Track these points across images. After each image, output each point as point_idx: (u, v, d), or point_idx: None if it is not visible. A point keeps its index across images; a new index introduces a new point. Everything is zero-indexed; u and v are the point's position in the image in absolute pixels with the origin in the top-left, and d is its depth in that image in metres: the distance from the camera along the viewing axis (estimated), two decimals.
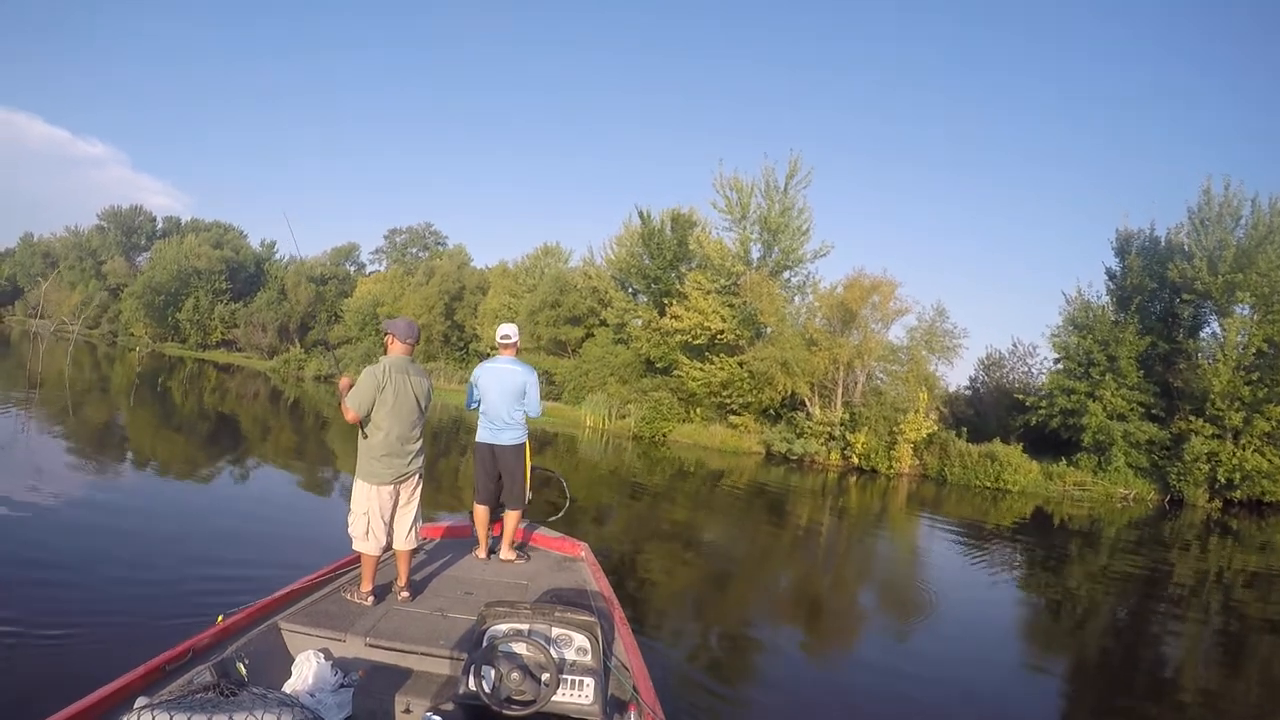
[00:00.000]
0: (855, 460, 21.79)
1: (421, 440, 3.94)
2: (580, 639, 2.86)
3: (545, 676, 2.67)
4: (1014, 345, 30.25)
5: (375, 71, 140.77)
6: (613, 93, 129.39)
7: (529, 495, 4.93)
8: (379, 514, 3.77)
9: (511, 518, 4.76)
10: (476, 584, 4.23)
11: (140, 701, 1.96)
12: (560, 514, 6.15)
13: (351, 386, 3.79)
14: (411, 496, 3.92)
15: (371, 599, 3.68)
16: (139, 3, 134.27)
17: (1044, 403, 23.24)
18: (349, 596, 3.66)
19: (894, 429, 21.36)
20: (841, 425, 22.35)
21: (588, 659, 2.83)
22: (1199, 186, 23.37)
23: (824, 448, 22.36)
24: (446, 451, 16.86)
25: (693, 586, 7.73)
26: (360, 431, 3.78)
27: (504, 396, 4.70)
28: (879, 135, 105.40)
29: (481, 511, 4.80)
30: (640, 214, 31.02)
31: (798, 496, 16.12)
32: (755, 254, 27.00)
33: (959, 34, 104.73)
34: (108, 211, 65.17)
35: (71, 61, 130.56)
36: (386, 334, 4.03)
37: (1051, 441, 23.14)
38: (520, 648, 2.74)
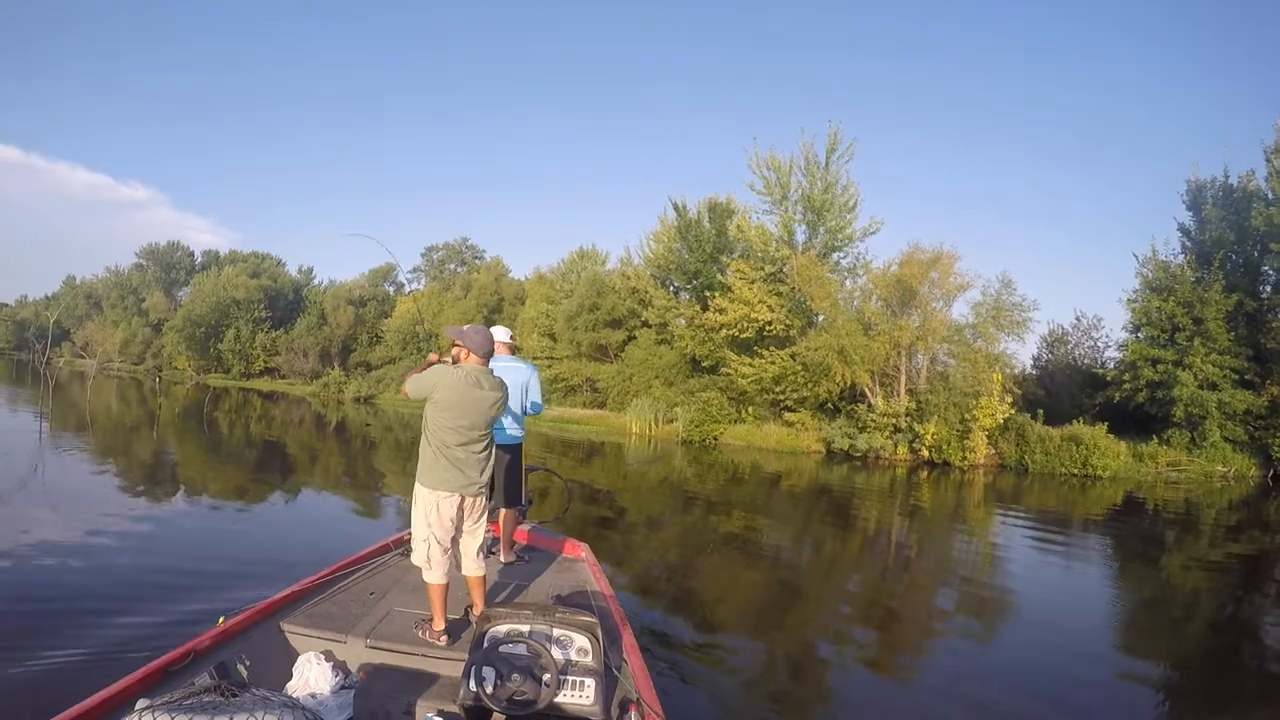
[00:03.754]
0: (925, 453, 21.26)
1: (488, 455, 3.81)
2: (581, 640, 2.96)
3: (546, 677, 2.76)
4: (1077, 319, 29.39)
5: (401, 88, 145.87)
6: (639, 82, 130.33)
7: (529, 496, 5.07)
8: (443, 532, 3.64)
9: (509, 517, 4.91)
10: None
11: (141, 703, 2.09)
12: (562, 514, 6.29)
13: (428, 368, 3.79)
14: (480, 516, 3.83)
15: (446, 639, 3.52)
16: (170, 50, 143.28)
17: (1127, 376, 22.31)
18: (422, 634, 3.57)
19: (966, 416, 20.76)
20: (907, 415, 21.85)
21: (588, 660, 2.92)
22: (1272, 124, 22.14)
23: (890, 441, 21.89)
24: None
25: (751, 599, 7.70)
26: (424, 436, 3.75)
27: (509, 394, 4.92)
28: (909, 108, 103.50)
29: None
30: (675, 206, 31.13)
31: (864, 497, 15.82)
32: (800, 236, 26.70)
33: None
34: (146, 249, 69.21)
35: (108, 109, 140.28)
36: (455, 344, 3.81)
37: (1134, 418, 22.27)
38: (521, 649, 2.85)
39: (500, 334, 5.13)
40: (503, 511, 4.93)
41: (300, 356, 51.30)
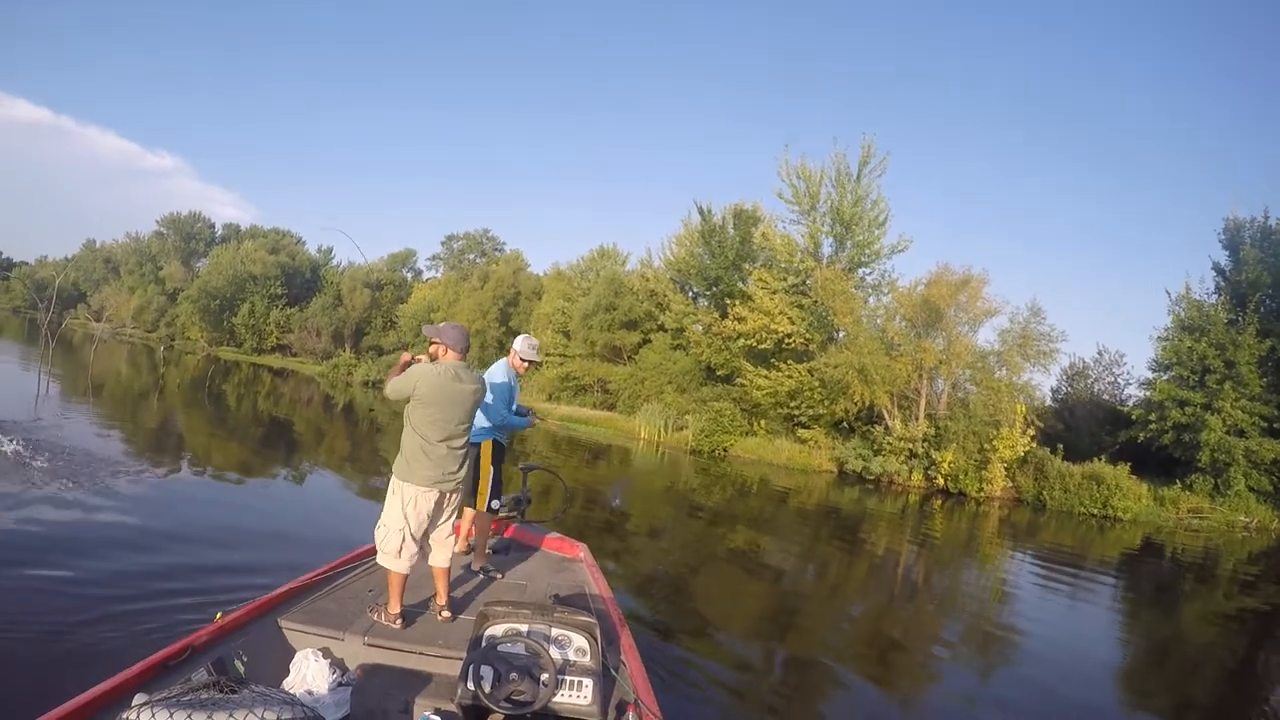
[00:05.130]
0: (940, 481, 21.07)
1: (466, 450, 4.00)
2: (579, 639, 3.01)
3: (544, 677, 2.81)
4: (1099, 353, 29.20)
5: (433, 80, 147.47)
6: (673, 85, 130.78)
7: (526, 495, 5.01)
8: (417, 525, 3.78)
9: (467, 517, 4.83)
10: (475, 584, 4.48)
11: (139, 698, 2.11)
12: (561, 514, 6.32)
13: (406, 366, 3.94)
14: (453, 510, 4.00)
15: (401, 621, 3.68)
16: (207, 20, 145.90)
17: (1153, 416, 22.03)
18: (376, 617, 3.69)
19: (985, 446, 20.57)
20: (925, 441, 21.66)
21: (586, 659, 2.97)
22: None
23: (904, 467, 21.71)
24: None
25: (750, 610, 7.73)
26: (406, 431, 3.87)
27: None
28: (933, 131, 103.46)
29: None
30: (700, 209, 31.10)
31: (874, 522, 15.71)
32: (826, 249, 26.60)
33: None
34: (167, 218, 69.98)
35: (145, 76, 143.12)
36: (432, 343, 3.97)
37: (1156, 460, 21.99)
38: (519, 648, 2.89)
39: (524, 346, 5.06)
40: (468, 511, 4.85)
41: (313, 336, 51.77)
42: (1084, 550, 15.01)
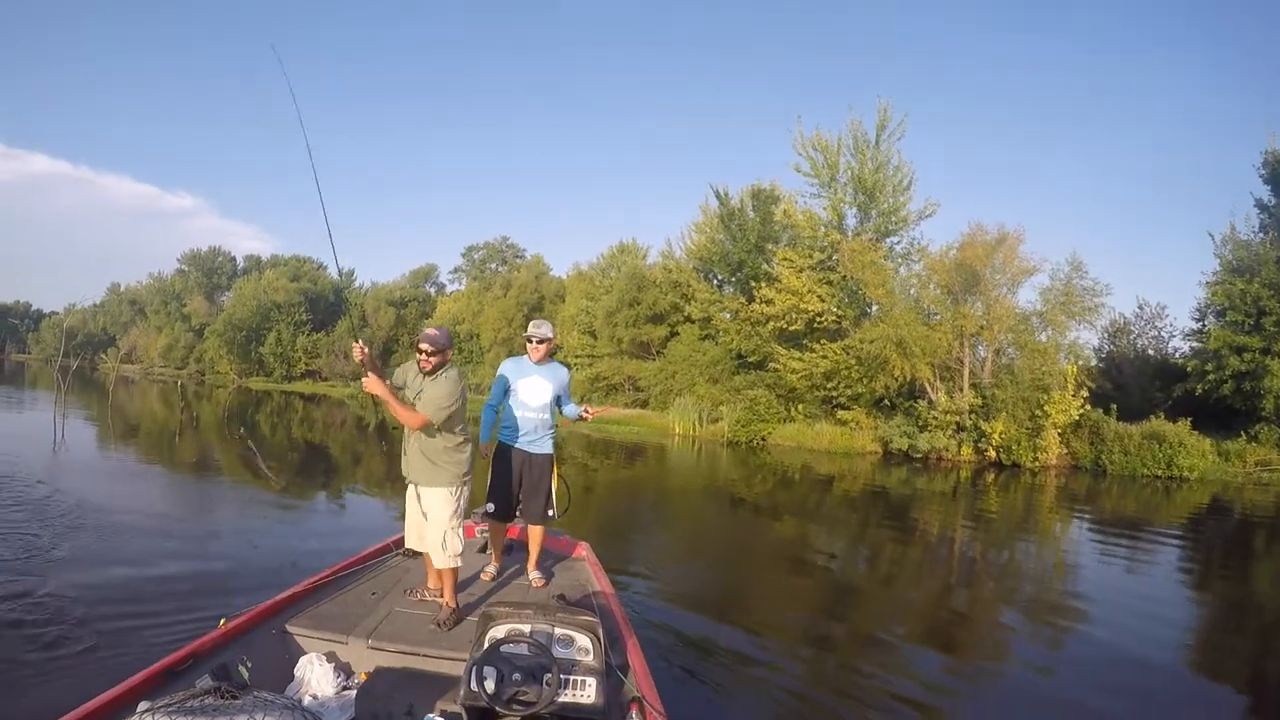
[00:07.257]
0: (992, 454, 20.64)
1: None
2: (583, 639, 3.03)
3: (547, 677, 2.82)
4: (1140, 307, 28.77)
5: (441, 91, 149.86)
6: (683, 75, 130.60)
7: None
8: None
9: (536, 534, 4.82)
10: (478, 585, 4.54)
11: (142, 706, 2.18)
12: (562, 513, 6.35)
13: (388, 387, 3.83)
14: None
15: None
16: (212, 57, 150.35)
17: (1210, 366, 21.35)
18: (419, 596, 4.12)
19: (1036, 412, 20.11)
20: (972, 412, 21.26)
21: (590, 659, 2.99)
22: None
23: (952, 441, 21.31)
24: None
25: (788, 609, 7.62)
26: (459, 440, 4.00)
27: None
28: (944, 86, 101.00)
29: (502, 528, 4.91)
30: (717, 193, 30.99)
31: (924, 502, 15.44)
32: (851, 220, 26.30)
33: None
34: (188, 255, 72.25)
35: (159, 120, 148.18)
36: (437, 353, 3.89)
37: (1213, 412, 21.33)
38: (522, 648, 2.92)
39: (547, 330, 4.83)
40: (530, 527, 4.89)
41: (341, 359, 52.81)
42: (1149, 515, 14.59)
